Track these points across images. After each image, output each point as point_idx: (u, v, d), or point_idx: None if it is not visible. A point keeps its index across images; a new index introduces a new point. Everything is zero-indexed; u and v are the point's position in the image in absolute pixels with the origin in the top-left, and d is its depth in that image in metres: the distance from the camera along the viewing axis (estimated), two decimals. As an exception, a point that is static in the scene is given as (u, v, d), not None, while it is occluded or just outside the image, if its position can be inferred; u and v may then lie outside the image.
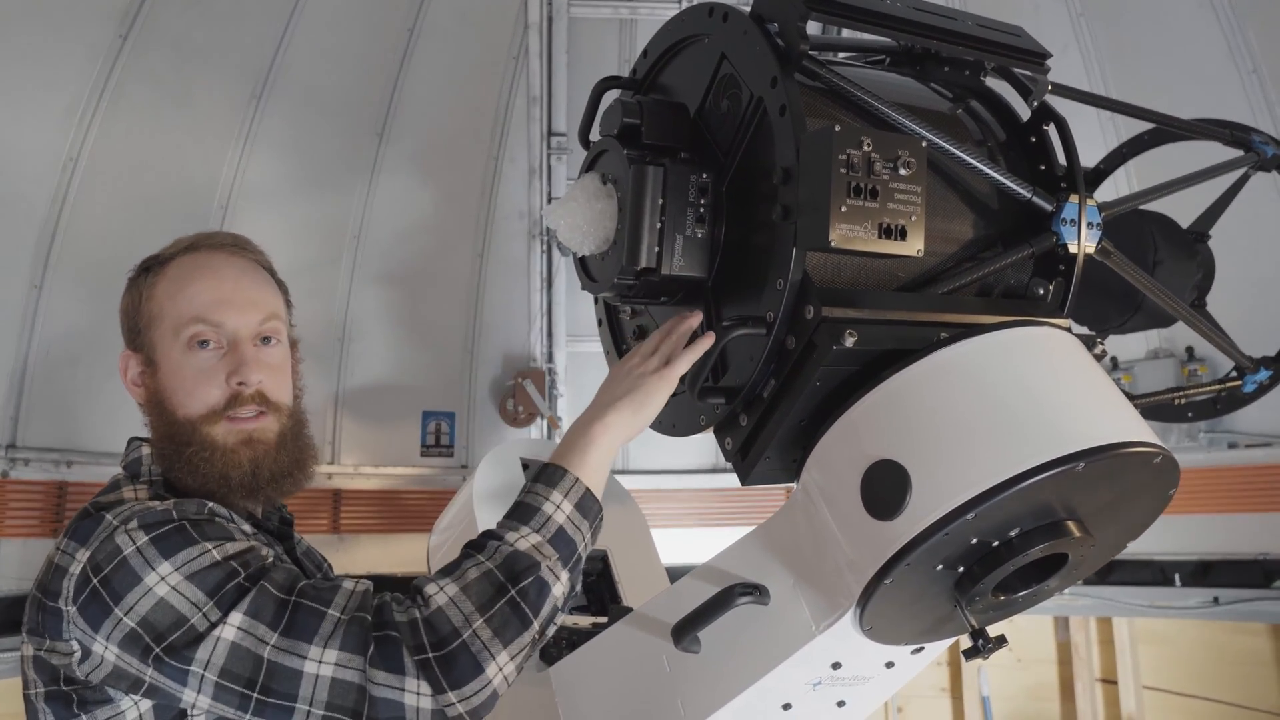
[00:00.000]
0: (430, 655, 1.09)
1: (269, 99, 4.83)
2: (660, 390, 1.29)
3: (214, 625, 1.11)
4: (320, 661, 1.11)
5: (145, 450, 1.36)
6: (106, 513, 1.21)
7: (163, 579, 1.13)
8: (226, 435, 1.32)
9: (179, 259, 1.40)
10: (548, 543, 1.19)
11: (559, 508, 1.22)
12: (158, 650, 1.12)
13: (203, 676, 1.11)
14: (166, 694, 1.15)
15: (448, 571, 1.17)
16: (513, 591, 1.14)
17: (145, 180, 4.48)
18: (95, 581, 1.14)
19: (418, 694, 1.09)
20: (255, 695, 1.11)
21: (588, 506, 1.24)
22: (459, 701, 1.10)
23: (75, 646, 1.16)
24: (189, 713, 1.20)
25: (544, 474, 1.25)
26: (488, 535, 1.20)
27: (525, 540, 1.18)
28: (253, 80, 4.78)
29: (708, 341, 1.29)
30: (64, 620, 1.16)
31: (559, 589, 1.18)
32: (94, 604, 1.14)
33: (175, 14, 4.38)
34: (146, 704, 1.19)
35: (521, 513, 1.22)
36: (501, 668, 1.12)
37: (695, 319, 1.34)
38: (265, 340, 1.39)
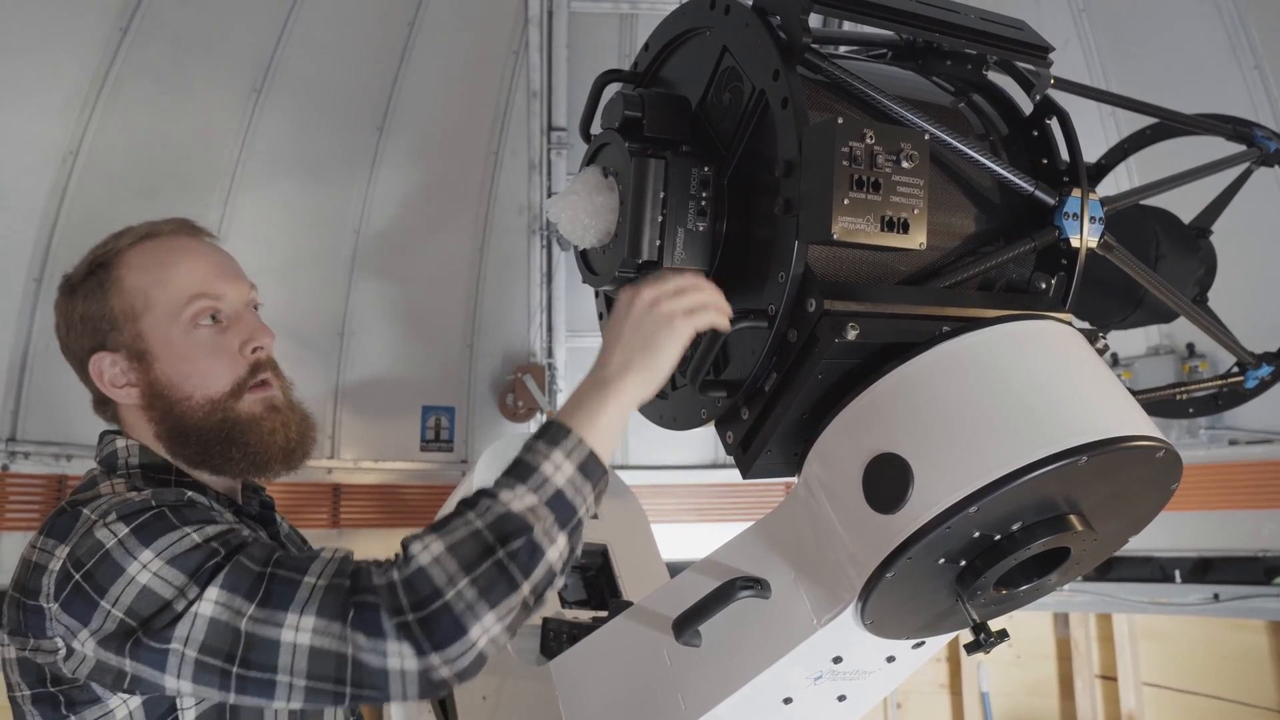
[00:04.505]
0: (410, 617, 1.05)
1: (269, 92, 4.83)
2: (675, 346, 1.19)
3: (192, 602, 1.09)
4: (297, 629, 1.07)
5: (120, 443, 1.34)
6: (84, 508, 1.19)
7: (144, 566, 1.11)
8: (253, 406, 1.33)
9: (138, 248, 1.36)
10: (544, 505, 1.12)
11: (559, 469, 1.14)
12: (139, 634, 1.09)
13: (183, 655, 1.09)
14: (150, 684, 1.13)
15: (437, 528, 1.12)
16: (501, 553, 1.08)
17: (145, 173, 4.48)
18: (77, 577, 1.12)
19: (400, 656, 1.05)
20: (235, 670, 1.09)
21: (590, 469, 1.16)
22: (443, 664, 1.06)
23: (59, 644, 1.15)
24: (178, 708, 1.19)
25: (548, 431, 1.17)
26: (482, 493, 1.14)
27: (520, 501, 1.11)
28: (253, 74, 4.78)
29: (727, 312, 1.22)
30: (46, 618, 1.15)
31: (554, 553, 1.12)
32: (77, 599, 1.12)
33: (175, 7, 4.38)
34: (136, 702, 1.18)
35: (520, 470, 1.14)
36: (487, 629, 1.07)
37: (728, 313, 1.24)
38: (256, 309, 1.41)
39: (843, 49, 1.65)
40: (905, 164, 1.17)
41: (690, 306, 1.20)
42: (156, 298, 1.33)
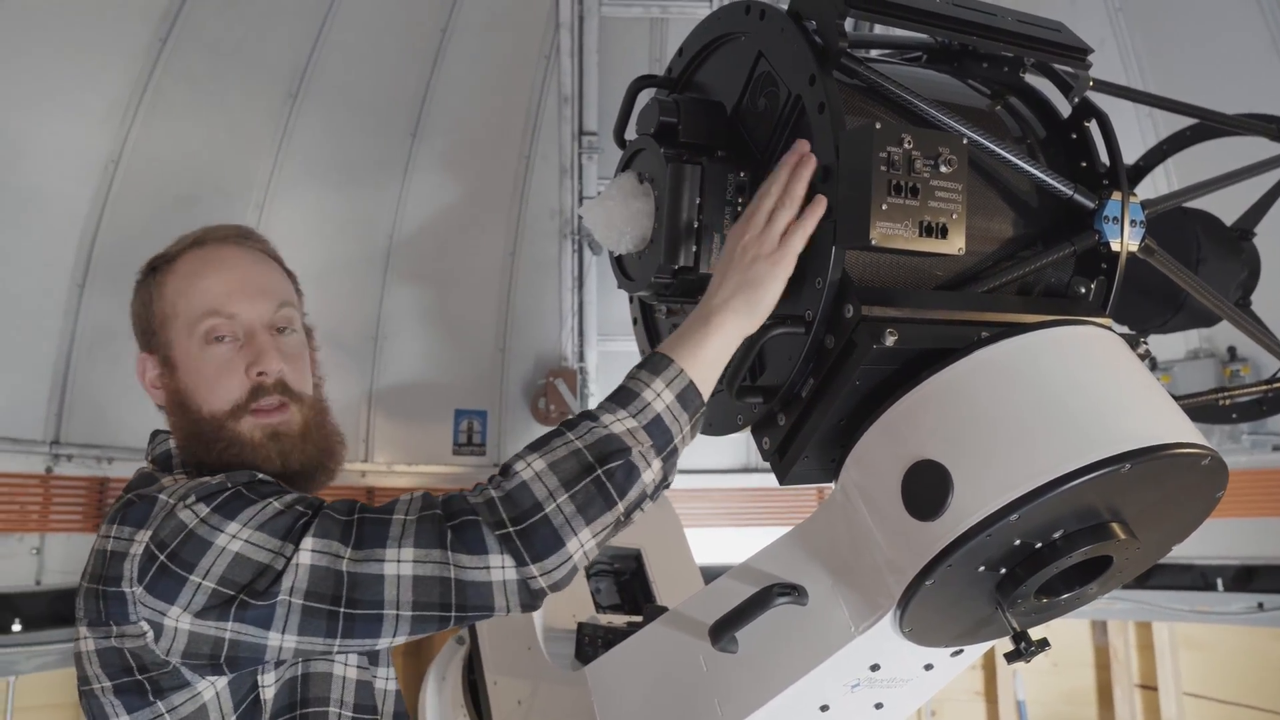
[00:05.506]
0: (511, 529, 1.10)
1: (303, 99, 4.88)
2: (775, 279, 1.20)
3: (290, 558, 1.12)
4: (399, 561, 1.11)
5: (173, 443, 1.37)
6: (159, 494, 1.21)
7: (234, 536, 1.14)
8: (252, 430, 1.32)
9: (186, 255, 1.39)
10: (643, 429, 1.16)
11: (659, 396, 1.18)
12: (243, 596, 1.12)
13: (289, 604, 1.11)
14: (249, 646, 1.14)
15: (537, 447, 1.16)
16: (599, 471, 1.13)
17: (183, 180, 4.54)
18: (162, 557, 1.14)
19: (502, 568, 1.10)
20: (342, 610, 1.12)
21: (689, 399, 1.20)
22: (541, 575, 1.11)
23: (145, 627, 1.16)
24: (259, 685, 1.22)
25: (649, 361, 1.21)
26: (583, 415, 1.18)
27: (620, 424, 1.16)
28: (288, 80, 4.83)
29: (820, 207, 1.20)
30: (129, 602, 1.16)
31: (649, 476, 1.16)
32: (164, 578, 1.14)
33: (212, 15, 4.44)
34: (222, 683, 1.20)
35: (621, 396, 1.19)
36: (583, 544, 1.12)
37: (809, 167, 1.22)
38: (280, 330, 1.39)
39: (875, 52, 1.64)
40: (943, 168, 1.17)
41: (781, 233, 1.21)
42: (181, 309, 1.36)
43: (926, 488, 1.11)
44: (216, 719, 1.21)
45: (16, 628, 3.87)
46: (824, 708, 1.30)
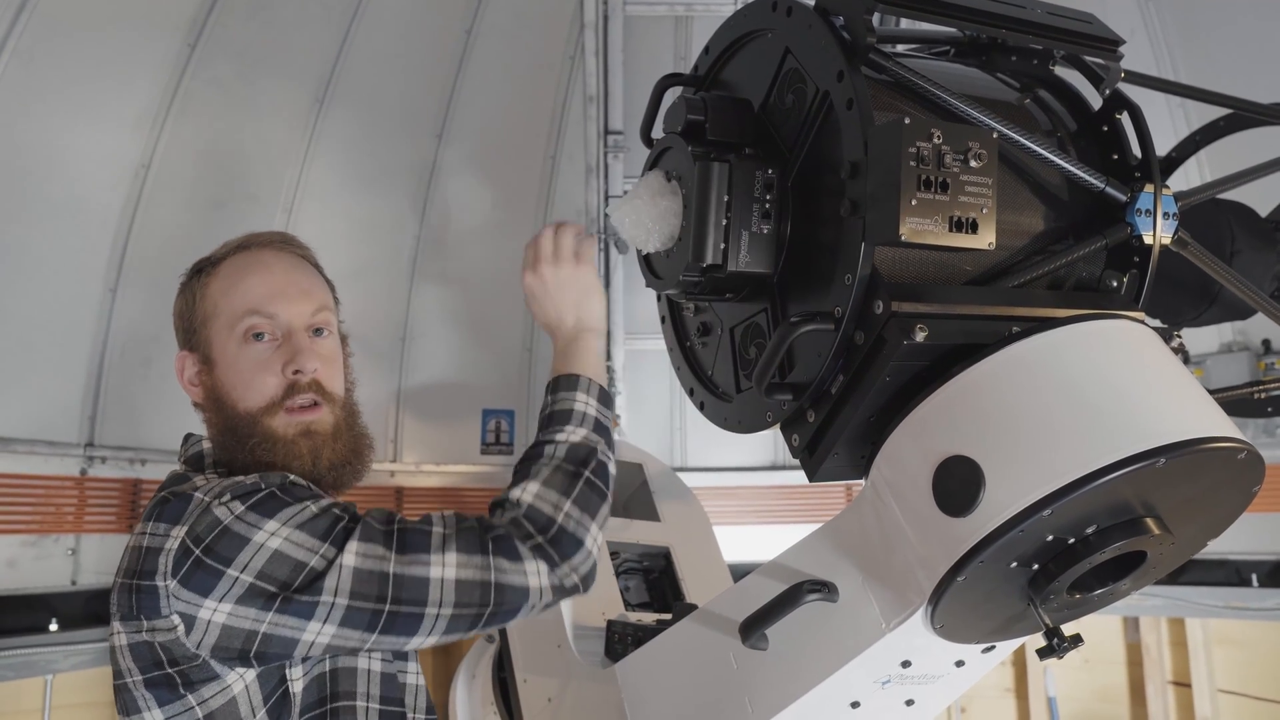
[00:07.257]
0: (540, 540, 1.26)
1: (331, 103, 4.93)
2: (590, 272, 1.49)
3: (332, 560, 1.17)
4: (443, 565, 1.21)
5: (205, 445, 1.40)
6: (194, 493, 1.24)
7: (272, 534, 1.18)
8: (286, 427, 1.36)
9: (230, 259, 1.44)
10: (591, 432, 1.38)
11: (588, 404, 1.41)
12: (285, 594, 1.16)
13: (333, 604, 1.17)
14: (282, 640, 1.17)
15: (518, 480, 1.32)
16: (585, 474, 1.33)
17: (213, 185, 4.60)
18: (198, 552, 1.17)
19: (538, 573, 1.24)
20: (387, 608, 1.18)
21: (606, 399, 1.44)
22: (571, 572, 1.27)
23: (176, 620, 1.18)
24: (288, 679, 1.25)
25: (561, 384, 1.43)
26: (540, 444, 1.37)
27: (575, 435, 1.37)
28: (315, 85, 4.88)
29: (579, 226, 1.51)
30: (162, 596, 1.19)
31: (612, 467, 1.38)
32: (199, 572, 1.17)
33: (240, 23, 4.49)
34: (251, 676, 1.22)
35: (559, 418, 1.39)
36: (595, 536, 1.31)
37: (571, 227, 1.55)
38: (317, 332, 1.43)
39: (903, 47, 1.63)
40: (973, 163, 1.16)
41: (570, 249, 1.51)
42: (222, 308, 1.40)
43: (958, 483, 1.10)
44: (246, 712, 1.24)
45: (53, 627, 3.94)
46: (855, 704, 1.30)
